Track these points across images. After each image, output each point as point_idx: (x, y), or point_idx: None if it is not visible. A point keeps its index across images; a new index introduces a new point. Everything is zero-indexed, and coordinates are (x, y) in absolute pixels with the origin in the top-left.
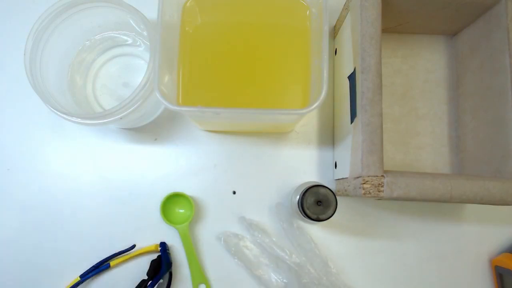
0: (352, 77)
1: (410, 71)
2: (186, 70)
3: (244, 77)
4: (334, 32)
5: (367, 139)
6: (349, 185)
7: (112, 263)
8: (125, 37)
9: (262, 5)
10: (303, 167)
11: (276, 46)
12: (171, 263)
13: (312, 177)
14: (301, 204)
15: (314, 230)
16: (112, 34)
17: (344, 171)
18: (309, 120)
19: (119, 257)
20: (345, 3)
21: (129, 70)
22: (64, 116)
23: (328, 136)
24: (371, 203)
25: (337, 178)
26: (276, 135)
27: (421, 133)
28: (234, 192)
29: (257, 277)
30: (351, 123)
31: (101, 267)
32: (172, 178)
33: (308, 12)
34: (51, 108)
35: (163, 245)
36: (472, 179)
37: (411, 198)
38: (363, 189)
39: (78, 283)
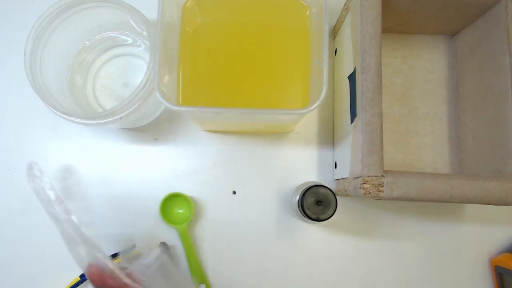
0: (352, 77)
1: (410, 71)
2: (186, 70)
3: (244, 77)
4: (334, 32)
5: (367, 139)
6: (349, 185)
7: None
8: (125, 37)
9: (262, 5)
10: (303, 167)
11: (276, 46)
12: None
13: (312, 177)
14: (301, 204)
15: (314, 230)
16: (112, 34)
17: (344, 171)
18: (309, 120)
19: (119, 257)
20: (345, 3)
21: (129, 70)
22: (64, 116)
23: (328, 136)
24: (371, 203)
25: (337, 178)
26: (276, 135)
27: (421, 133)
28: (234, 192)
29: None
30: (351, 123)
31: None
32: (172, 178)
33: (308, 12)
34: (51, 108)
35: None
36: (472, 179)
37: (411, 198)
38: (363, 189)
39: (78, 283)
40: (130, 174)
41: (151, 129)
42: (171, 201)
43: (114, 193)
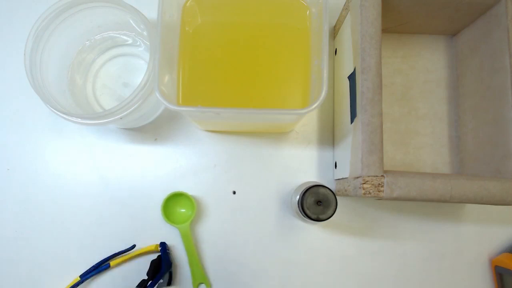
0: (352, 77)
1: (410, 71)
2: (186, 70)
3: (244, 77)
4: (334, 32)
5: (367, 139)
6: (349, 185)
7: (112, 263)
8: (125, 37)
9: (262, 5)
10: (303, 167)
11: (276, 46)
12: (171, 263)
13: (312, 177)
14: (301, 204)
15: (314, 230)
16: (112, 34)
17: (344, 171)
18: (309, 120)
19: (119, 257)
20: (345, 3)
21: (129, 70)
22: (64, 116)
23: (328, 136)
24: (371, 203)
25: (337, 178)
26: (276, 135)
27: (421, 133)
28: (234, 192)
29: None
30: (351, 123)
31: (101, 267)
32: (172, 178)
33: (308, 12)
34: (51, 108)
35: (163, 245)
36: (472, 179)
37: (411, 198)
38: (363, 189)
39: (78, 283)
40: (130, 174)
41: (151, 129)
42: (173, 201)
43: (114, 193)
